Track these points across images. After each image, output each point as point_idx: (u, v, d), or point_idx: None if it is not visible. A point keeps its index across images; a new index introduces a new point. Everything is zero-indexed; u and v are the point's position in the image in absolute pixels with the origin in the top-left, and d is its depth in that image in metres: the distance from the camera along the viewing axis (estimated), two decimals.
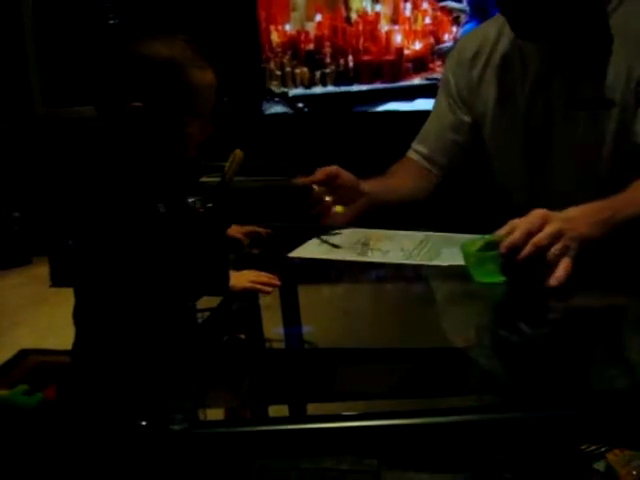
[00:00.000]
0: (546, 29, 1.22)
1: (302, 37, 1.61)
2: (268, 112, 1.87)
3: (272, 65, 1.81)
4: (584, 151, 1.25)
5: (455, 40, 1.78)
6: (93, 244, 0.96)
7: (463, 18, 1.74)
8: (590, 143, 1.24)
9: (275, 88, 1.82)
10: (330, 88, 1.64)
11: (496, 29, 1.36)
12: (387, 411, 0.68)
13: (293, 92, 1.71)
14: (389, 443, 0.66)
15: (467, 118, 1.42)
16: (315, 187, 1.30)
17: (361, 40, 1.61)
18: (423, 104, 1.70)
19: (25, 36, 3.04)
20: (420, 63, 1.64)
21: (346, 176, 1.33)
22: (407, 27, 1.64)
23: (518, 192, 1.33)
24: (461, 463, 1.13)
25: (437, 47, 1.69)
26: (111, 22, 2.88)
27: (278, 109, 1.81)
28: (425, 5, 1.64)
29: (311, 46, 1.62)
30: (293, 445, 0.66)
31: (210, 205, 1.08)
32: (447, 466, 1.16)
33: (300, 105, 1.67)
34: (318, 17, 1.59)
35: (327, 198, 1.30)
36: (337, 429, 0.65)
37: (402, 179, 1.44)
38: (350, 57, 1.62)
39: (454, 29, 1.70)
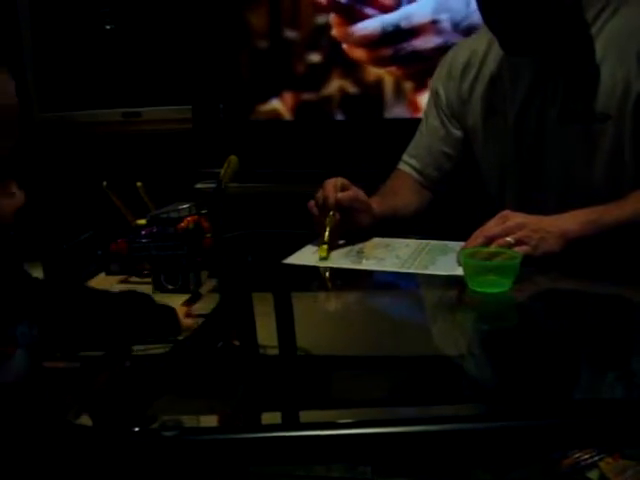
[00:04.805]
0: (535, 45, 1.20)
1: None
2: None
3: None
4: (577, 164, 1.23)
5: None
6: None
7: None
8: (583, 157, 1.22)
9: None
10: None
11: (486, 42, 1.34)
12: (381, 419, 0.68)
13: None
14: (382, 451, 0.66)
15: (457, 132, 1.40)
16: (330, 214, 1.21)
17: None
18: None
19: (22, 41, 3.04)
20: None
21: (362, 197, 1.27)
22: None
23: (510, 204, 1.30)
24: (454, 471, 1.12)
25: None
26: (107, 27, 2.88)
27: None
28: None
29: None
30: (286, 452, 0.65)
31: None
32: (440, 474, 1.15)
33: None
34: None
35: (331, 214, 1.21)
36: (330, 436, 0.65)
37: (405, 199, 1.41)
38: None
39: None
